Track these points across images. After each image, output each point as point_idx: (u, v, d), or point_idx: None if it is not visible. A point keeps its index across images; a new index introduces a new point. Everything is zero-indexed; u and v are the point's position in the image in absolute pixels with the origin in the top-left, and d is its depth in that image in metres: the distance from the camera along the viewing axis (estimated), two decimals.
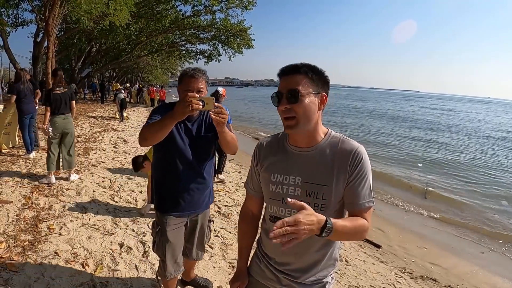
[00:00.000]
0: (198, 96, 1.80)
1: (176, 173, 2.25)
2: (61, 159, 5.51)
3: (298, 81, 1.28)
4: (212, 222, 2.79)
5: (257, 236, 1.64)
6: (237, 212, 4.95)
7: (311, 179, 1.32)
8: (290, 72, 1.31)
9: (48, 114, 5.32)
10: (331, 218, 1.14)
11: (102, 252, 3.37)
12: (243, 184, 6.54)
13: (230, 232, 4.23)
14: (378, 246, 4.71)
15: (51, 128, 5.37)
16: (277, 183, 1.39)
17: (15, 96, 6.53)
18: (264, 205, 1.54)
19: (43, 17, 12.94)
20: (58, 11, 12.33)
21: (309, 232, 1.07)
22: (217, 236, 4.09)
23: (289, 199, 1.12)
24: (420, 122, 29.30)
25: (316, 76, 1.31)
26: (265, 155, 1.47)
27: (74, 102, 5.71)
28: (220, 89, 6.69)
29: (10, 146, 7.32)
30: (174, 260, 2.35)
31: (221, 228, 4.34)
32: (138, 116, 17.48)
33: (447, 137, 20.80)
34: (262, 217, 1.59)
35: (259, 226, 1.62)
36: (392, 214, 6.57)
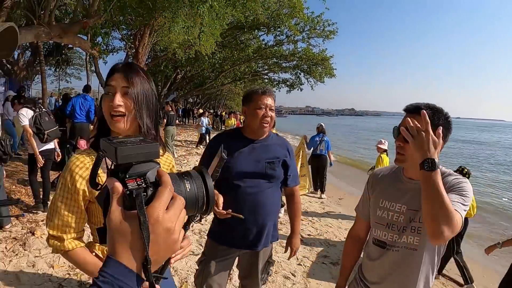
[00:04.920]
0: None
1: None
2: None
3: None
4: (272, 264, 2.29)
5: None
6: (319, 242, 4.93)
7: (414, 207, 1.37)
8: (412, 111, 1.35)
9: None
10: None
11: None
12: (326, 215, 6.49)
13: (312, 262, 4.23)
14: None
15: None
16: (384, 208, 1.45)
17: None
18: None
19: (132, 45, 14.17)
20: (148, 40, 13.46)
21: (426, 146, 1.15)
22: (299, 264, 4.13)
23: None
24: None
25: (437, 120, 1.32)
26: (377, 183, 1.55)
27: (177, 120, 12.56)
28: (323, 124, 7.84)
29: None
30: None
31: (303, 257, 4.36)
32: None
33: None
34: (366, 241, 1.65)
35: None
36: None
